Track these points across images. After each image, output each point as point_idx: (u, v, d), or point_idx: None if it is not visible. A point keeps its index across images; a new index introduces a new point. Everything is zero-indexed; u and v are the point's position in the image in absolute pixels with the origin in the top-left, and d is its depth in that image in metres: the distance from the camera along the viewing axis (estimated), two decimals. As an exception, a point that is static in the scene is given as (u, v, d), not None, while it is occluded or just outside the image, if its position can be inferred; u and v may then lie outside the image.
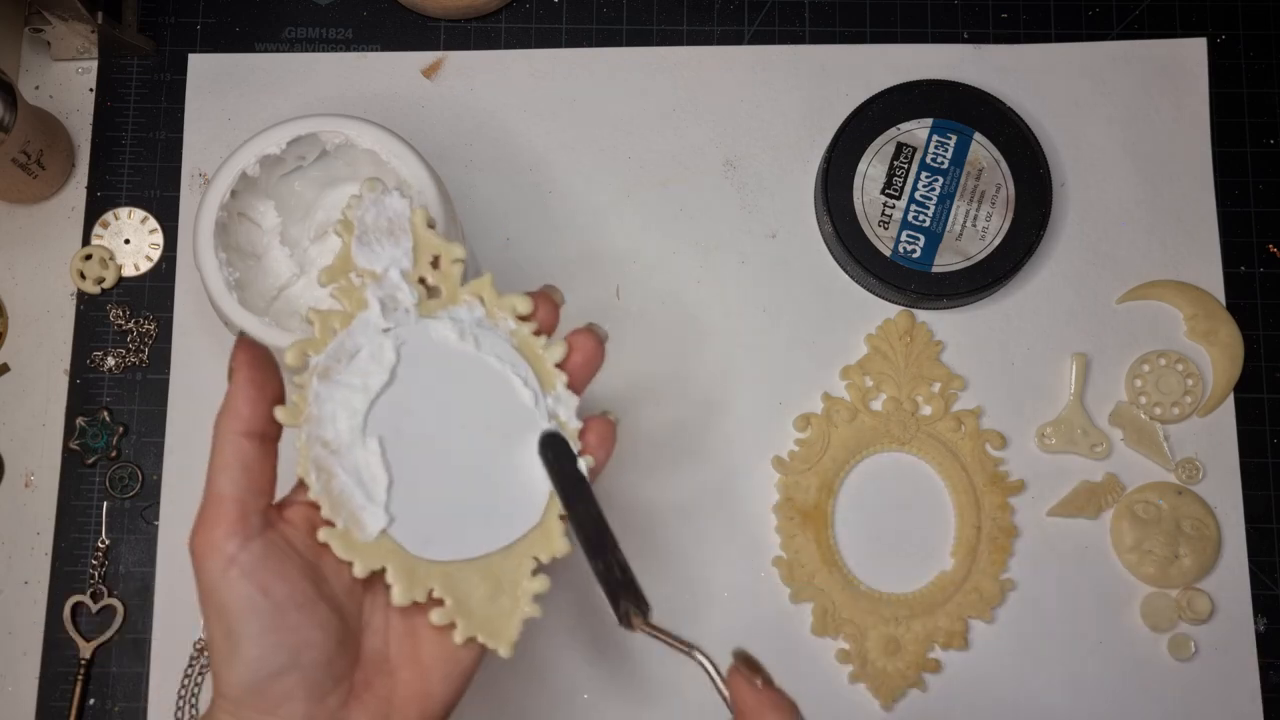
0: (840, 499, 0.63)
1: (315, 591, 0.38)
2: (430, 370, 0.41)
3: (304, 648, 0.37)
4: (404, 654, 0.40)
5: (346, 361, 0.40)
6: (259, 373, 0.39)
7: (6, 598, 0.62)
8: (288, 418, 0.39)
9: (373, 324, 0.41)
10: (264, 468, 0.39)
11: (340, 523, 0.39)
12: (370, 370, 0.40)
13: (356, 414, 0.40)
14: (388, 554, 0.39)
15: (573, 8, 0.68)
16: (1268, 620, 0.62)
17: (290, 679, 0.37)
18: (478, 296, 0.42)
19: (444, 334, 0.41)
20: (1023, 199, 0.64)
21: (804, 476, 0.63)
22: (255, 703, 0.37)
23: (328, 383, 0.40)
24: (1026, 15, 0.69)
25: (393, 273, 0.41)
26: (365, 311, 0.41)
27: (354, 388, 0.40)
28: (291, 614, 0.37)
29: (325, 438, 0.39)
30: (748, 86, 0.67)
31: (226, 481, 0.38)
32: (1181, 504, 0.62)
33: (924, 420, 0.63)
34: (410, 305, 0.41)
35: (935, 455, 0.63)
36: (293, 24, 0.68)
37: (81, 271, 0.64)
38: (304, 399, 0.39)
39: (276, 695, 0.37)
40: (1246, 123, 0.67)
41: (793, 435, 0.63)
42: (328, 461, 0.39)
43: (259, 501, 0.38)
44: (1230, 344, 0.64)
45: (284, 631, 0.37)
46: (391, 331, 0.41)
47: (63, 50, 0.67)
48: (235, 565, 0.37)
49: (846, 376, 0.64)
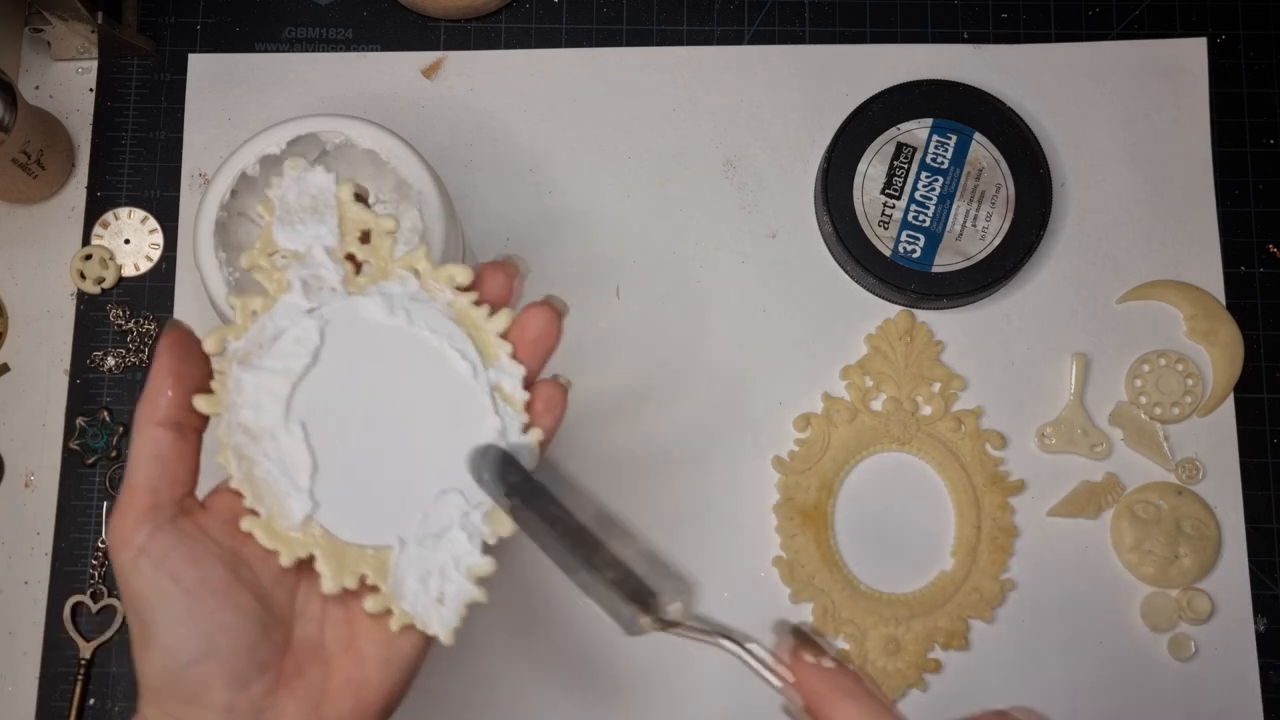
0: (840, 499, 0.63)
1: (233, 578, 0.37)
2: (357, 349, 0.39)
3: (220, 634, 0.36)
4: (339, 641, 0.39)
5: (268, 346, 0.39)
6: (180, 362, 0.38)
7: (6, 598, 0.62)
8: (208, 406, 0.38)
9: (295, 305, 0.39)
10: (180, 457, 0.38)
11: (264, 511, 0.38)
12: (293, 353, 0.39)
13: (279, 399, 0.38)
14: (315, 541, 0.38)
15: (573, 8, 0.68)
16: (1268, 620, 0.62)
17: (207, 667, 0.36)
18: (411, 269, 0.40)
19: (371, 310, 0.39)
20: (1023, 199, 0.64)
21: (804, 476, 0.63)
22: (174, 692, 0.36)
23: (248, 368, 0.38)
24: (1026, 15, 0.69)
25: (316, 251, 0.39)
26: (287, 294, 0.39)
27: (275, 372, 0.38)
28: (205, 600, 0.36)
29: (246, 424, 0.38)
30: (748, 86, 0.67)
31: (139, 472, 0.37)
32: (1181, 504, 0.62)
33: (924, 420, 0.63)
34: (336, 283, 0.39)
35: (935, 455, 0.63)
36: (293, 24, 0.68)
37: (81, 271, 0.64)
38: (224, 386, 0.38)
39: (195, 684, 0.36)
40: (1246, 123, 0.67)
41: (793, 435, 0.63)
42: (249, 449, 0.38)
43: (173, 491, 0.38)
44: (1230, 344, 0.64)
45: (198, 619, 0.36)
46: (315, 312, 0.39)
47: (63, 50, 0.67)
48: (145, 554, 0.36)
49: (846, 376, 0.64)
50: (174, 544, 0.37)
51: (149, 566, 0.36)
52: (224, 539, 0.38)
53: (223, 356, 0.39)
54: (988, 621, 0.62)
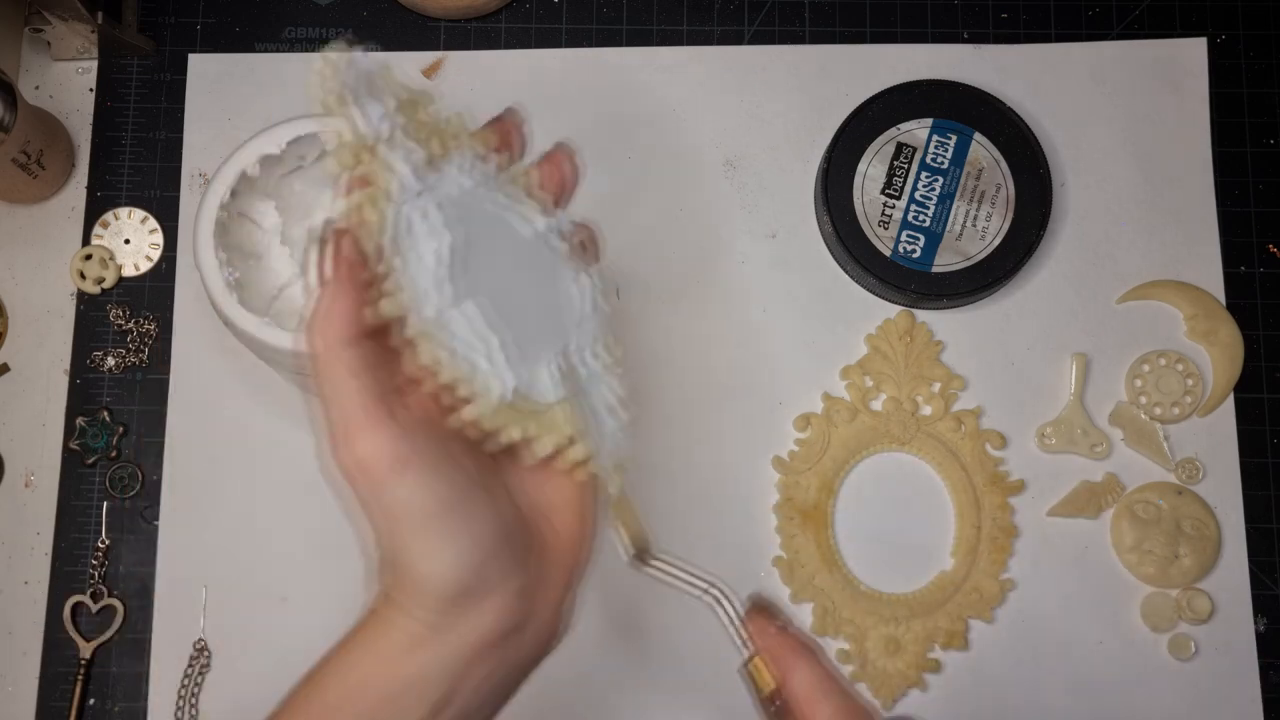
0: (840, 499, 0.63)
1: (473, 462, 0.37)
2: (469, 221, 0.39)
3: (499, 521, 0.36)
4: (549, 500, 0.39)
5: (407, 234, 0.37)
6: (359, 269, 0.36)
7: (6, 598, 0.62)
8: (394, 307, 0.36)
9: (410, 189, 0.38)
10: (384, 363, 0.36)
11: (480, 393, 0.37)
12: (432, 235, 0.37)
13: (444, 284, 0.37)
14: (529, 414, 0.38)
15: (573, 8, 0.68)
16: (1268, 620, 0.62)
17: (502, 557, 0.36)
18: (456, 139, 0.40)
19: (461, 182, 0.39)
20: (1023, 199, 0.64)
21: (804, 476, 0.63)
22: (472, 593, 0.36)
23: (405, 259, 0.37)
24: (1026, 15, 0.69)
25: (396, 134, 0.38)
26: (396, 179, 0.37)
27: (427, 258, 0.37)
28: (475, 491, 0.36)
29: (429, 316, 0.37)
30: (748, 86, 0.67)
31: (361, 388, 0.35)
32: (1181, 504, 0.62)
33: (924, 420, 0.63)
34: (420, 162, 0.38)
35: (935, 455, 0.63)
36: (293, 24, 0.68)
37: (81, 271, 0.64)
38: (395, 285, 0.36)
39: (493, 578, 0.36)
40: (1246, 123, 0.67)
41: (793, 435, 0.63)
42: (442, 339, 0.36)
43: (393, 398, 0.36)
44: (1230, 344, 0.64)
45: (479, 511, 0.35)
46: (424, 194, 0.38)
47: (63, 50, 0.67)
48: (410, 466, 0.35)
49: (846, 376, 0.64)
50: (428, 445, 0.35)
51: (422, 472, 0.35)
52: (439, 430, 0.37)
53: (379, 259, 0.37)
54: (988, 621, 0.62)
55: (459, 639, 0.36)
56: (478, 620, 0.36)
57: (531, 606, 0.37)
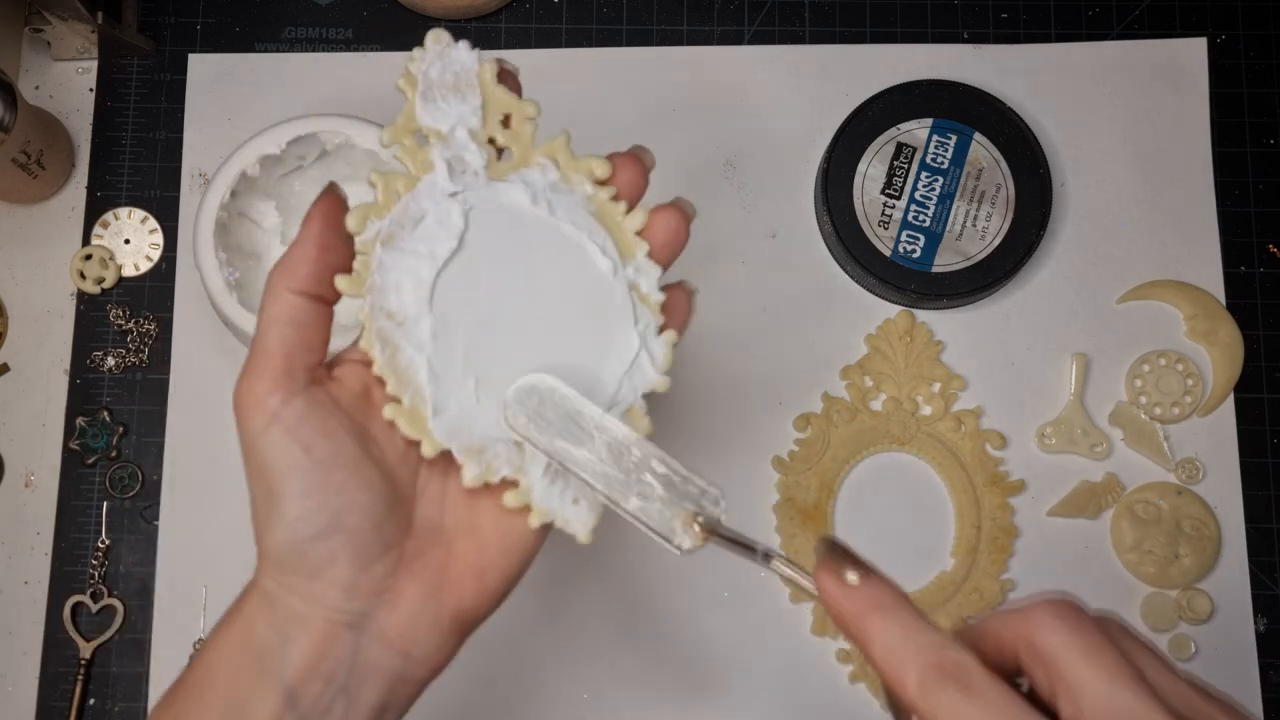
0: (840, 499, 0.63)
1: (362, 453, 0.36)
2: (501, 237, 0.37)
3: (348, 510, 0.35)
4: (461, 525, 0.38)
5: (411, 228, 0.37)
6: (330, 234, 0.36)
7: (6, 598, 0.62)
8: (349, 286, 0.36)
9: (440, 187, 0.37)
10: (316, 324, 0.36)
11: (407, 400, 0.36)
12: (437, 237, 0.37)
13: (423, 284, 0.36)
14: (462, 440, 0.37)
15: (573, 8, 0.68)
16: (1268, 620, 0.62)
17: (334, 542, 0.35)
18: (552, 158, 0.39)
19: (515, 198, 0.38)
20: (1023, 199, 0.64)
21: (804, 476, 0.63)
22: (297, 566, 0.35)
23: (392, 250, 0.36)
24: (1026, 15, 0.69)
25: (459, 132, 0.37)
26: (430, 174, 0.37)
27: (420, 255, 0.36)
28: (336, 474, 0.35)
29: (390, 309, 0.36)
30: (748, 86, 0.67)
31: (274, 336, 0.36)
32: (1181, 504, 0.62)
33: (924, 420, 0.63)
34: (479, 167, 0.37)
35: (935, 455, 0.63)
36: (293, 24, 0.68)
37: (81, 271, 0.64)
38: (367, 267, 0.36)
39: (319, 559, 0.35)
40: (1246, 123, 0.67)
41: (793, 435, 0.63)
42: (393, 334, 0.36)
43: (307, 358, 0.36)
44: (1230, 344, 0.64)
45: (327, 492, 0.35)
46: (459, 195, 0.37)
47: (63, 50, 0.67)
48: (278, 421, 0.35)
49: (846, 376, 0.64)
50: (307, 412, 0.35)
51: (281, 434, 0.35)
52: (354, 412, 0.37)
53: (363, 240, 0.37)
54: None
55: (287, 613, 0.35)
56: (305, 599, 0.35)
57: (370, 609, 0.36)
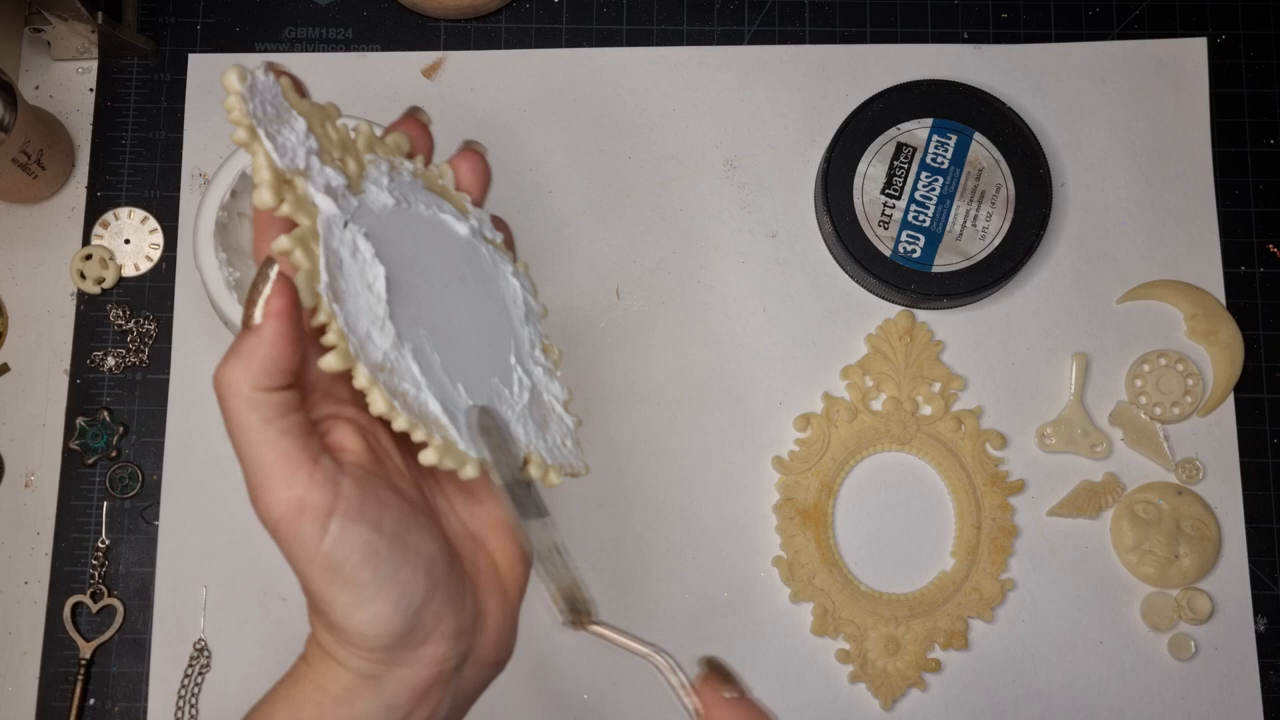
0: (840, 499, 0.63)
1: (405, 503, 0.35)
2: (400, 239, 0.37)
3: (432, 564, 0.34)
4: (481, 523, 0.38)
5: (340, 273, 0.34)
6: (292, 315, 0.33)
7: (6, 598, 0.62)
8: (340, 360, 0.33)
9: (335, 221, 0.35)
10: (305, 424, 0.34)
11: (436, 437, 0.35)
12: (363, 270, 0.35)
13: (383, 320, 0.35)
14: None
15: (573, 8, 0.68)
16: (1268, 620, 0.62)
17: (437, 601, 0.34)
18: (371, 151, 0.37)
19: (383, 201, 0.37)
20: (1023, 199, 0.64)
21: (804, 476, 0.63)
22: (406, 642, 0.34)
23: (344, 304, 0.34)
24: (1026, 15, 0.69)
25: (312, 160, 0.35)
26: (320, 214, 0.34)
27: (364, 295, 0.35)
28: (410, 536, 0.34)
29: (377, 362, 0.34)
30: (748, 86, 0.67)
31: (281, 434, 0.33)
32: (1181, 504, 0.62)
33: (924, 420, 0.63)
34: (341, 187, 0.35)
35: (935, 455, 0.63)
36: (293, 24, 0.68)
37: (81, 271, 0.64)
38: (341, 334, 0.34)
39: (428, 624, 0.34)
40: (1246, 123, 0.67)
41: (793, 435, 0.63)
42: (393, 384, 0.35)
43: (319, 449, 0.34)
44: (1230, 344, 0.64)
45: (410, 558, 0.34)
46: (349, 224, 0.35)
47: (63, 50, 0.67)
48: (334, 516, 0.33)
49: (846, 376, 0.64)
50: (357, 492, 0.33)
51: (348, 525, 0.33)
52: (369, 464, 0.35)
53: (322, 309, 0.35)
54: (988, 621, 0.62)
55: (397, 685, 0.34)
56: (416, 665, 0.34)
57: (471, 642, 0.36)
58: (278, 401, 0.33)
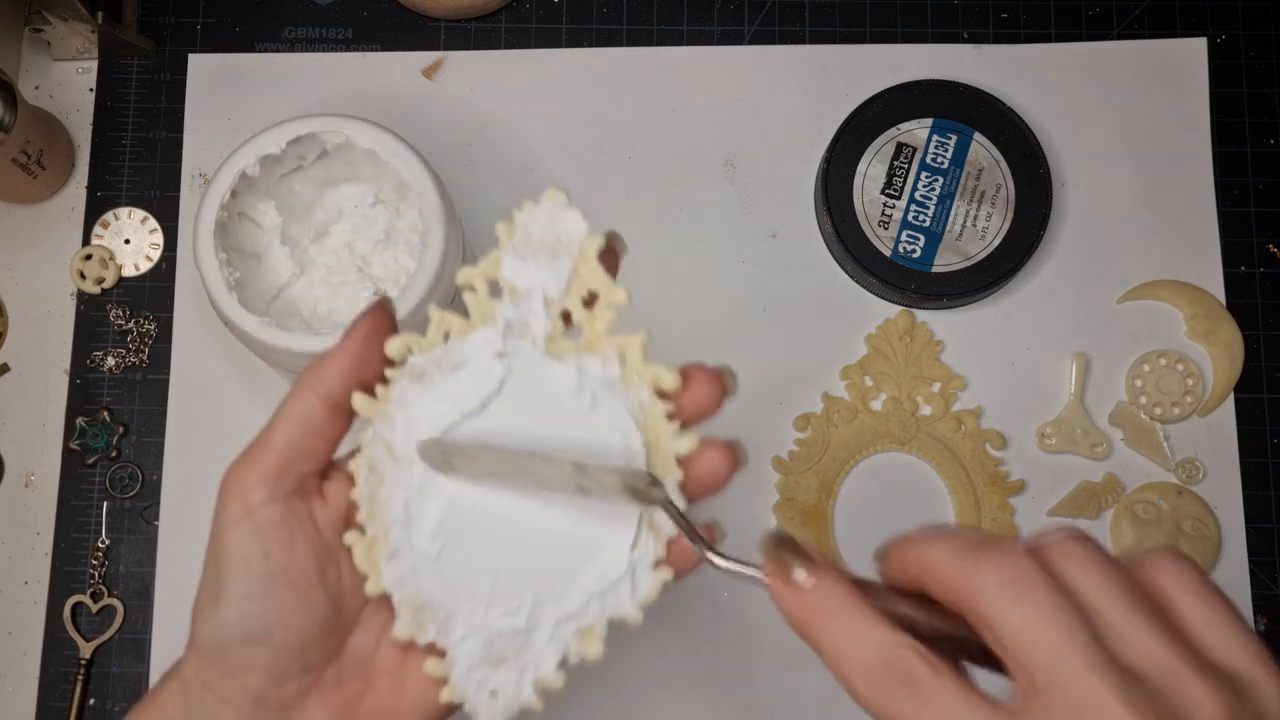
0: (840, 499, 0.63)
1: (317, 575, 0.36)
2: (529, 414, 0.36)
3: (280, 627, 0.35)
4: (389, 665, 0.37)
5: (447, 373, 0.35)
6: (367, 347, 0.36)
7: (6, 598, 0.62)
8: (364, 408, 0.35)
9: (489, 344, 0.35)
10: (326, 435, 0.36)
11: (371, 532, 0.36)
12: (466, 391, 0.35)
13: (434, 431, 0.35)
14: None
15: (573, 8, 0.68)
16: (1268, 620, 0.62)
17: (256, 651, 0.35)
18: (620, 355, 0.37)
19: (561, 379, 0.36)
20: (1023, 199, 0.64)
21: (804, 477, 0.63)
22: (217, 663, 0.35)
23: (418, 387, 0.35)
24: (1026, 15, 0.69)
25: (535, 296, 0.36)
26: (488, 328, 0.36)
27: (442, 401, 0.35)
28: (282, 589, 0.35)
29: (391, 441, 0.35)
30: (748, 86, 0.67)
31: (282, 433, 0.36)
32: (1182, 504, 0.62)
33: (924, 420, 0.63)
34: (539, 337, 0.36)
35: (935, 455, 0.63)
36: (293, 24, 0.68)
37: (81, 271, 0.64)
38: (387, 396, 0.35)
39: (238, 663, 0.35)
40: (1246, 123, 0.67)
41: (792, 435, 0.63)
42: (383, 466, 0.36)
43: (303, 465, 0.36)
44: (1230, 344, 0.64)
45: (267, 604, 0.35)
46: (505, 359, 0.36)
47: (63, 50, 0.67)
48: (250, 518, 0.35)
49: (846, 376, 0.64)
50: (279, 521, 0.35)
51: (248, 530, 0.35)
52: (327, 531, 0.36)
53: (398, 367, 0.36)
54: None
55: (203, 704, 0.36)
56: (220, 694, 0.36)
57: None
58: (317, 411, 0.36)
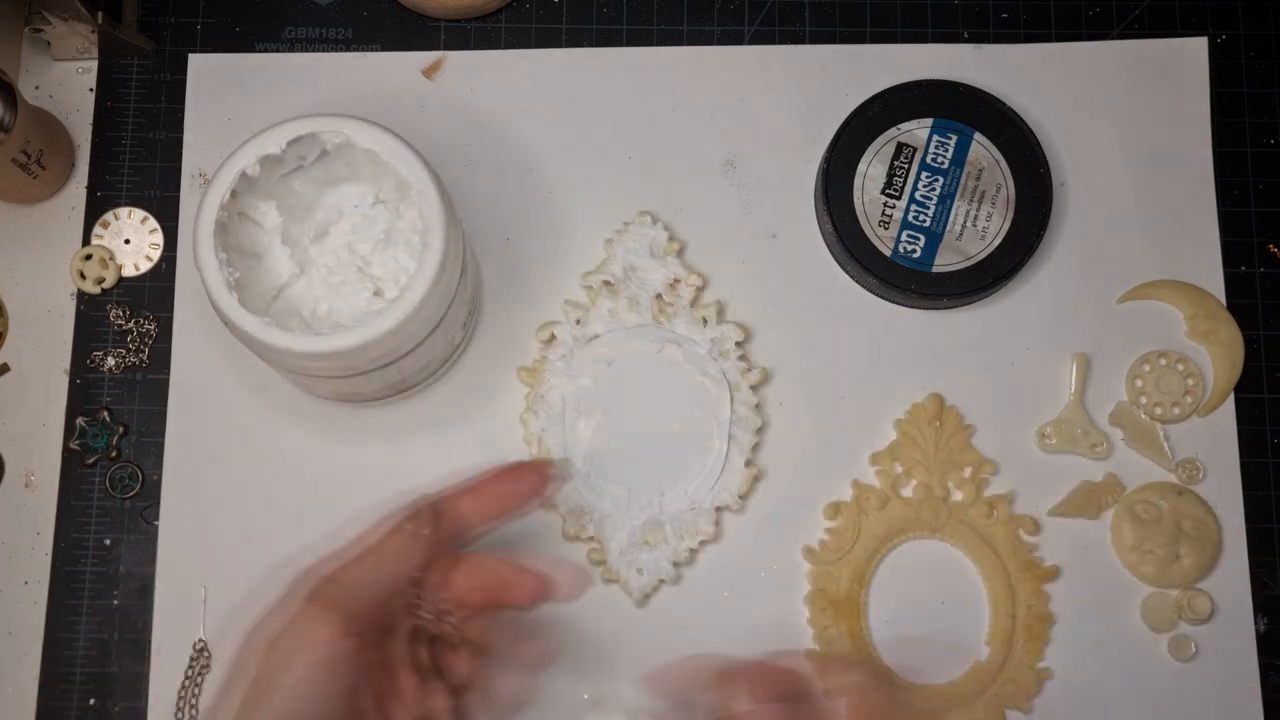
0: (873, 589, 0.61)
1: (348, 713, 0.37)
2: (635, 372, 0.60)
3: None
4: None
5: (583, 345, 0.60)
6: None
7: (6, 598, 0.62)
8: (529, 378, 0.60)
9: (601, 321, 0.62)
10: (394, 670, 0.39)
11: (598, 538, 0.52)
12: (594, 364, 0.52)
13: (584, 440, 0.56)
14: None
15: (573, 8, 0.68)
16: (1268, 620, 0.62)
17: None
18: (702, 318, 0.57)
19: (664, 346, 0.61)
20: (1023, 199, 0.64)
21: (835, 567, 0.61)
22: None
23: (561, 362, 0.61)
24: (1026, 15, 0.69)
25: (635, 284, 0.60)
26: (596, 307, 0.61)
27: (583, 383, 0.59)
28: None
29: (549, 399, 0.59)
30: (748, 86, 0.67)
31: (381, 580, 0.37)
32: (1182, 504, 0.62)
33: (956, 507, 0.62)
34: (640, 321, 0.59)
35: (968, 542, 0.61)
36: (293, 24, 0.68)
37: (81, 271, 0.64)
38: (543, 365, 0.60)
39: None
40: (1246, 123, 0.67)
41: (823, 524, 0.62)
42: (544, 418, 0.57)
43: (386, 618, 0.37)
44: (1230, 344, 0.64)
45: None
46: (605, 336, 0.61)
47: (63, 50, 0.67)
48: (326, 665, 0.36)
49: (876, 463, 0.63)
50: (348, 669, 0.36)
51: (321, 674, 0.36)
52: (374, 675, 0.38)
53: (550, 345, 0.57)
54: (1025, 713, 0.60)
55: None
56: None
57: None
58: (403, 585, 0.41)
